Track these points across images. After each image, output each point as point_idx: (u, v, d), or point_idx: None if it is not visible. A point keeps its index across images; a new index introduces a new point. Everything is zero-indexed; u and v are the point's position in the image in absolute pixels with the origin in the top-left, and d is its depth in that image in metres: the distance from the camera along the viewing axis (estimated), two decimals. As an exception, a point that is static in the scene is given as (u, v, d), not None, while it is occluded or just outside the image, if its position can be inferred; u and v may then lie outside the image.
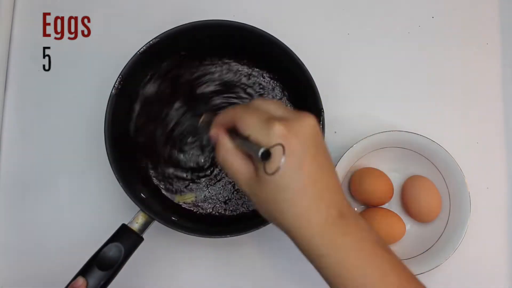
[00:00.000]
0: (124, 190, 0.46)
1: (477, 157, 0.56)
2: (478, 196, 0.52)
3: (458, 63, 0.58)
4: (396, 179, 0.55)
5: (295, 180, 0.33)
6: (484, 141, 0.57)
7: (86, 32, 0.58)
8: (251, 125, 0.34)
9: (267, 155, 0.31)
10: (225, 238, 0.48)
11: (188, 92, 0.53)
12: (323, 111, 0.48)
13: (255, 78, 0.54)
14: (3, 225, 0.55)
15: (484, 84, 0.58)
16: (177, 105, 0.53)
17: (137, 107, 0.52)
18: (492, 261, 0.55)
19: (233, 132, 0.36)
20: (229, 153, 0.36)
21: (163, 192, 0.52)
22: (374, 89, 0.58)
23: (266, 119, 0.33)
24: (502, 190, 0.56)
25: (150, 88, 0.53)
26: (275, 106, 0.36)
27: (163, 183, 0.52)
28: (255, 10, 0.58)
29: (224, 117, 0.37)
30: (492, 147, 0.57)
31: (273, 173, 0.31)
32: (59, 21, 0.58)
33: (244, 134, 0.34)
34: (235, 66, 0.54)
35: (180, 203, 0.52)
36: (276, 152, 0.31)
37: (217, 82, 0.54)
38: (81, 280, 0.42)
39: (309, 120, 0.34)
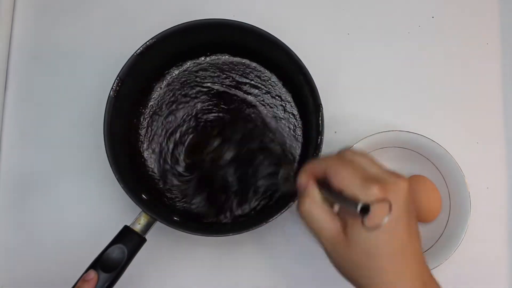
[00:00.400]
0: (126, 192, 0.46)
1: (477, 157, 0.56)
2: (478, 196, 0.52)
3: (458, 63, 0.58)
4: (396, 179, 0.54)
5: (388, 247, 0.33)
6: (484, 141, 0.57)
7: (86, 32, 0.58)
8: (348, 181, 0.33)
9: (365, 211, 0.31)
10: (227, 237, 0.48)
11: (190, 91, 0.54)
12: (321, 107, 0.48)
13: (255, 74, 0.54)
14: (3, 225, 0.55)
15: (484, 84, 0.58)
16: (179, 105, 0.53)
17: (138, 108, 0.53)
18: (492, 261, 0.55)
19: (320, 183, 0.36)
20: (317, 206, 0.35)
21: (165, 193, 0.52)
22: (374, 89, 0.58)
23: (364, 178, 0.33)
24: (502, 190, 0.56)
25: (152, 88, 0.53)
26: (368, 162, 0.35)
27: (163, 183, 0.52)
28: (255, 10, 0.58)
29: (315, 166, 0.36)
30: (492, 147, 0.57)
31: (372, 228, 0.31)
32: (59, 21, 0.58)
33: (339, 188, 0.33)
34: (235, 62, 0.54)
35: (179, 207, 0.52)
36: (377, 208, 0.31)
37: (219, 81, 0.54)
38: (92, 273, 0.42)
39: (404, 184, 0.33)
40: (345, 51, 0.58)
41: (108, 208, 0.54)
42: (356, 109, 0.57)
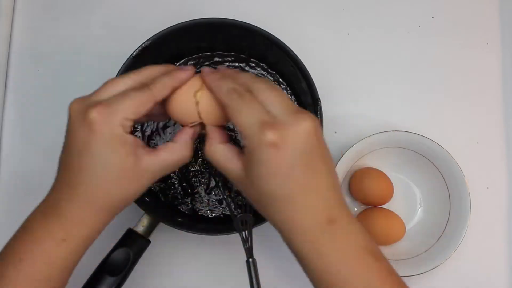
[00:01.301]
0: None
1: (477, 157, 0.56)
2: (478, 196, 0.52)
3: (458, 63, 0.58)
4: (396, 179, 0.55)
5: (281, 189, 0.32)
6: (484, 141, 0.57)
7: (86, 32, 0.58)
8: (245, 122, 0.33)
9: None
10: (229, 236, 0.48)
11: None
12: (319, 101, 0.48)
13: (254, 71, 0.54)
14: (3, 226, 0.55)
15: (484, 84, 0.58)
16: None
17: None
18: (492, 261, 0.55)
19: None
20: (218, 147, 0.36)
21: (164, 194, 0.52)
22: (374, 89, 0.58)
23: (261, 121, 0.32)
24: (502, 190, 0.56)
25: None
26: (274, 98, 0.34)
27: (163, 185, 0.52)
28: (255, 10, 0.58)
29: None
30: (492, 147, 0.57)
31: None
32: (59, 21, 0.58)
33: (237, 127, 0.33)
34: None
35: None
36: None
37: None
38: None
39: (305, 125, 0.32)
40: (345, 51, 0.58)
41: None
42: (355, 109, 0.57)
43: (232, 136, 0.52)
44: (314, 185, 0.33)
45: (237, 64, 0.54)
